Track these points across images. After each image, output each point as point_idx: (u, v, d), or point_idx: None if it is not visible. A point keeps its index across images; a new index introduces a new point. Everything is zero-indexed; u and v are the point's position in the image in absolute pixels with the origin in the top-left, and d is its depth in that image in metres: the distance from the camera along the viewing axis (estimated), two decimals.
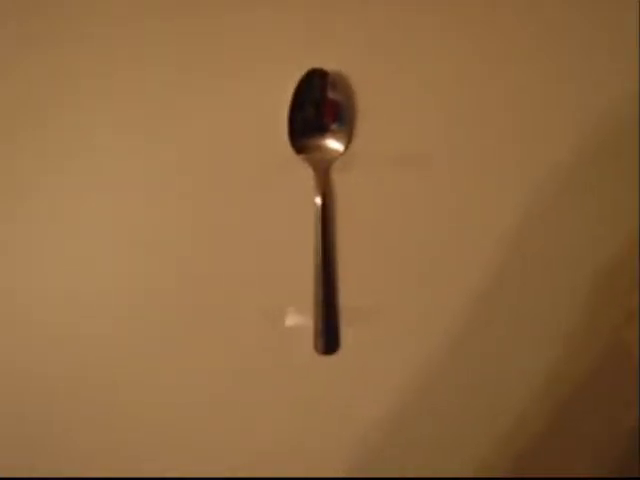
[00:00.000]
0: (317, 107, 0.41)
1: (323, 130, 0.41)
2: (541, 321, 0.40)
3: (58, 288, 0.40)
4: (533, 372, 0.39)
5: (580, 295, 0.40)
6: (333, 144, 0.41)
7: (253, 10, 0.42)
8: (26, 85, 0.42)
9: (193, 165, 0.41)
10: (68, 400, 0.39)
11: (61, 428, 0.39)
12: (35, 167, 0.41)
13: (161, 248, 0.41)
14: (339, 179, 0.41)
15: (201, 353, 0.40)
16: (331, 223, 0.40)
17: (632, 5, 0.41)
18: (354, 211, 0.41)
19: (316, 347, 0.39)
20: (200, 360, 0.40)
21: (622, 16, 0.41)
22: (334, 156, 0.41)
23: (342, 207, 0.41)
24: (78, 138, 0.42)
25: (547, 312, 0.40)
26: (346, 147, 0.41)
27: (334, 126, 0.41)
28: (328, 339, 0.39)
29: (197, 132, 0.41)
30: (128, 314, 0.40)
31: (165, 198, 0.41)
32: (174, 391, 0.39)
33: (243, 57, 0.42)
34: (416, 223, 0.41)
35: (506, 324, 0.40)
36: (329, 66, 0.41)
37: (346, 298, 0.40)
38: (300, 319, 0.39)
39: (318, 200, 0.40)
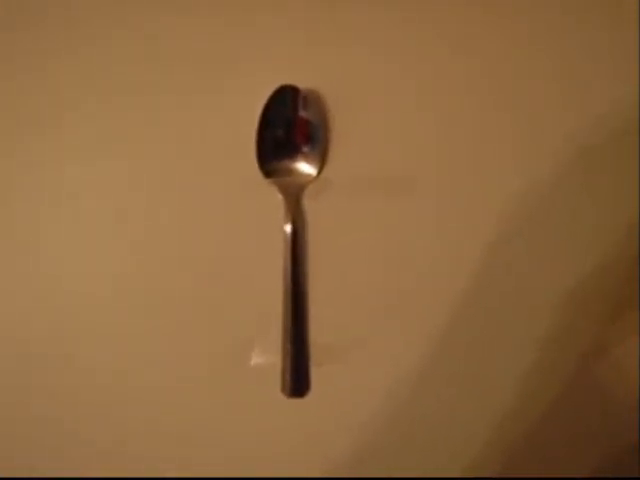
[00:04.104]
0: (288, 127, 0.39)
1: (294, 152, 0.39)
2: (514, 345, 0.38)
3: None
4: (506, 397, 0.37)
5: (550, 321, 0.38)
6: (305, 168, 0.39)
7: (220, 23, 0.40)
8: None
9: (151, 189, 0.39)
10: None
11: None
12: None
13: (117, 278, 0.39)
14: (311, 205, 0.39)
15: (157, 395, 0.37)
16: (302, 253, 0.38)
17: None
18: (327, 240, 0.38)
19: (284, 389, 0.37)
20: (155, 403, 0.37)
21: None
22: (306, 180, 0.39)
23: (314, 236, 0.38)
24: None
25: (519, 337, 0.38)
26: (319, 171, 0.39)
27: (306, 148, 0.39)
28: (297, 380, 0.37)
29: (156, 153, 0.39)
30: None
31: (122, 224, 0.39)
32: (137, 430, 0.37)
33: (207, 72, 0.40)
34: (393, 254, 0.38)
35: (482, 358, 0.38)
36: (301, 82, 0.39)
37: (317, 334, 0.38)
38: (267, 357, 0.37)
39: (288, 228, 0.38)
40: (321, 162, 0.39)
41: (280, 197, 0.38)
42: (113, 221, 0.39)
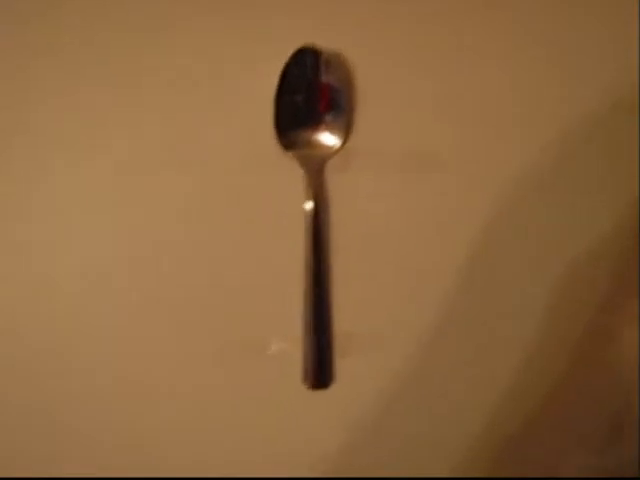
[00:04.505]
0: (308, 94, 0.37)
1: (316, 121, 0.37)
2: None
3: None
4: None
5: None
6: (327, 138, 0.37)
7: None
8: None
9: (161, 165, 0.37)
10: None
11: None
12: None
13: (130, 262, 0.37)
14: (334, 180, 0.37)
15: (170, 386, 0.36)
16: (324, 233, 0.36)
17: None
18: (351, 218, 0.36)
19: (305, 380, 0.35)
20: (169, 394, 0.36)
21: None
22: (329, 152, 0.37)
23: (337, 214, 0.36)
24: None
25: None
26: (343, 142, 0.37)
27: (329, 117, 0.37)
28: (319, 371, 0.35)
29: (166, 125, 0.37)
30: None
31: (133, 203, 0.37)
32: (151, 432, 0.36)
33: (218, 34, 0.38)
34: (424, 233, 0.36)
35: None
36: (323, 43, 0.37)
37: (341, 323, 0.36)
38: (287, 347, 0.36)
39: (309, 205, 0.36)
40: (345, 132, 0.37)
41: (300, 171, 0.36)
42: (124, 202, 0.37)
